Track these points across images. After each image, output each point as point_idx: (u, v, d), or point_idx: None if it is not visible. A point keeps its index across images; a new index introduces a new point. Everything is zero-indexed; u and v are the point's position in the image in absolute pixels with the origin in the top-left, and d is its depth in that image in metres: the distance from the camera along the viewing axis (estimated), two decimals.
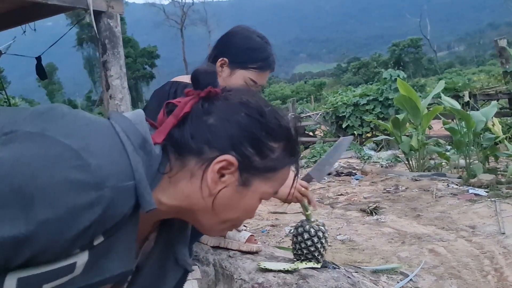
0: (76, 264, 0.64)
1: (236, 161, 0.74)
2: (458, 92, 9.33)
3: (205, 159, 0.74)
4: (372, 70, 40.09)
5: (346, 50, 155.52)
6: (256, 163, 0.76)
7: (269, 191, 0.81)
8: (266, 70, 1.68)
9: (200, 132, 0.74)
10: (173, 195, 0.76)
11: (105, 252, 0.68)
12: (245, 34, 1.69)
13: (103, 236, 0.66)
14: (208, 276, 1.64)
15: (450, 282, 2.21)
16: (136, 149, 0.69)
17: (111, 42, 4.25)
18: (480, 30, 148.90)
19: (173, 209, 0.77)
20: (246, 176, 0.76)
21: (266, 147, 0.77)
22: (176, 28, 53.15)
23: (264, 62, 1.66)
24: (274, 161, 0.78)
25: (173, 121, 0.75)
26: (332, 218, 3.75)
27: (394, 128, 6.12)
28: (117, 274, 0.71)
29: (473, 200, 3.82)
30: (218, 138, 0.74)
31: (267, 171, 0.78)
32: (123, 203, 0.65)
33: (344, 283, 1.47)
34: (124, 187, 0.65)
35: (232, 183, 0.76)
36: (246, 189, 0.78)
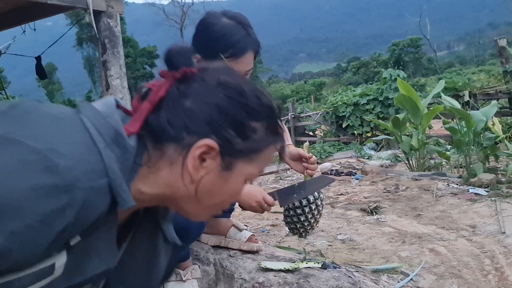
0: (55, 265, 0.62)
1: (217, 145, 0.71)
2: (458, 91, 9.33)
3: (184, 145, 0.71)
4: (372, 70, 40.07)
5: (346, 49, 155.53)
6: (238, 145, 0.73)
7: (253, 172, 0.78)
8: (242, 55, 1.47)
9: (177, 117, 0.71)
10: (154, 184, 0.72)
11: (85, 251, 0.66)
12: (209, 22, 1.49)
13: (80, 236, 0.64)
14: (209, 275, 1.63)
15: (451, 281, 2.21)
16: (109, 144, 0.65)
17: (111, 41, 4.25)
18: (479, 29, 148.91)
19: (156, 198, 0.74)
20: (228, 159, 0.73)
21: (247, 128, 0.73)
22: (176, 28, 53.21)
23: (234, 47, 1.45)
24: (257, 142, 0.75)
25: (148, 107, 0.71)
26: (332, 217, 3.75)
27: (394, 127, 6.11)
28: (100, 273, 0.69)
29: (473, 199, 3.82)
30: (197, 123, 0.71)
31: (250, 153, 0.75)
32: (97, 203, 0.62)
33: (344, 282, 1.47)
34: (97, 186, 0.61)
35: (214, 168, 0.73)
36: (229, 173, 0.74)
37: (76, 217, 0.59)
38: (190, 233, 1.41)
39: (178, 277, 1.50)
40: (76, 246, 0.64)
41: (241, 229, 1.82)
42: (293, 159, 1.63)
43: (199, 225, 1.42)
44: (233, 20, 1.47)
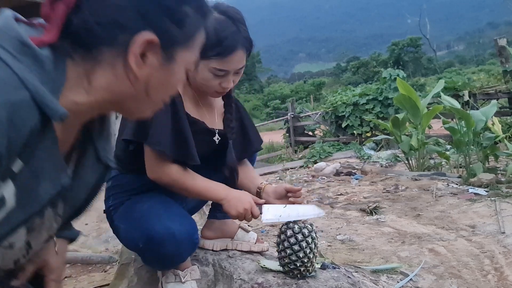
0: (5, 196, 0.60)
1: (157, 38, 0.66)
2: (458, 91, 9.33)
3: (120, 45, 0.66)
4: (372, 70, 40.11)
5: (345, 49, 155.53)
6: (176, 34, 0.70)
7: (192, 59, 0.76)
8: (230, 53, 1.37)
9: (104, 15, 0.64)
10: (92, 92, 0.68)
11: (32, 176, 0.63)
12: None
13: (21, 160, 0.61)
14: (208, 276, 1.63)
15: (450, 281, 2.20)
16: (15, 56, 0.60)
17: None
18: (479, 29, 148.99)
19: (97, 105, 0.71)
20: (169, 51, 0.70)
21: (180, 13, 0.70)
22: None
23: (221, 46, 1.34)
24: (191, 26, 0.72)
25: (64, 10, 0.64)
26: (332, 218, 3.75)
27: (394, 127, 6.11)
28: (55, 194, 0.67)
29: (473, 199, 3.82)
30: (128, 17, 0.65)
31: (187, 39, 0.73)
32: (24, 118, 0.58)
33: (344, 283, 1.47)
34: (16, 99, 0.57)
35: (158, 62, 0.69)
36: (172, 64, 0.72)
37: (7, 138, 0.56)
38: (179, 256, 1.41)
39: (177, 278, 1.50)
40: (21, 173, 0.61)
41: (248, 231, 1.81)
42: (278, 197, 1.56)
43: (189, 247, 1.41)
44: (224, 14, 1.38)
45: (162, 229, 1.33)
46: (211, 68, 1.38)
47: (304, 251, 1.43)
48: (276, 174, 7.33)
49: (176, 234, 1.33)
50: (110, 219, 1.57)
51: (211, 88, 1.45)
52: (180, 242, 1.34)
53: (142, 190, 1.53)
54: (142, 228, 1.36)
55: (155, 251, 1.34)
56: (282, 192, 1.56)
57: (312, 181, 5.91)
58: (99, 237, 3.53)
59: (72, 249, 3.24)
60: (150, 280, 1.64)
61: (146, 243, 1.34)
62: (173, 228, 1.34)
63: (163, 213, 1.40)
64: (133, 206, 1.47)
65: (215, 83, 1.42)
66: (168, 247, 1.33)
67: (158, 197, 1.49)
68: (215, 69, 1.38)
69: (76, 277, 2.57)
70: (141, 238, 1.35)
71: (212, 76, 1.40)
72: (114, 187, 1.58)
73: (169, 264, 1.43)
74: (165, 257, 1.35)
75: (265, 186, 1.60)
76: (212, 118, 1.59)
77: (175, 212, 1.43)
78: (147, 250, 1.35)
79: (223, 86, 1.44)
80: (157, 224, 1.34)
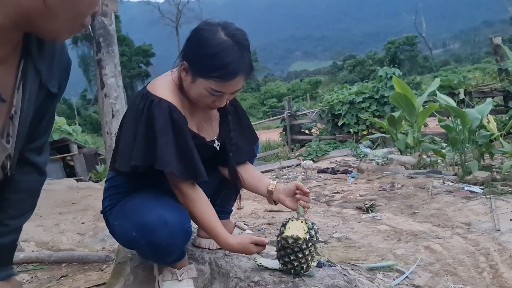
0: None
1: None
2: (454, 89, 9.36)
3: None
4: (368, 68, 40.17)
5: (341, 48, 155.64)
6: None
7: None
8: (231, 79, 1.36)
9: None
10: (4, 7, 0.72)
11: None
12: (205, 35, 1.36)
13: None
14: (204, 274, 1.63)
15: (446, 279, 2.21)
16: None
17: (106, 40, 4.22)
18: (475, 27, 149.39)
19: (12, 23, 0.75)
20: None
21: None
22: (171, 27, 53.05)
23: (224, 70, 1.34)
24: None
25: None
26: (328, 216, 3.76)
27: (390, 125, 6.13)
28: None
29: (468, 197, 3.84)
30: None
31: None
32: None
33: (340, 280, 1.47)
34: None
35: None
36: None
37: None
38: (173, 245, 1.40)
39: (174, 276, 1.50)
40: None
41: (244, 229, 1.82)
42: (289, 194, 1.58)
43: (182, 236, 1.41)
44: (231, 38, 1.35)
45: (154, 216, 1.34)
46: (208, 87, 1.38)
47: (302, 251, 1.44)
48: (272, 173, 7.34)
49: (168, 221, 1.34)
50: (106, 220, 1.58)
51: (203, 103, 1.45)
52: (173, 229, 1.35)
53: (137, 191, 1.53)
54: (134, 218, 1.38)
55: (148, 239, 1.34)
56: (293, 189, 1.56)
57: (308, 180, 5.92)
58: (95, 236, 3.52)
59: (69, 248, 3.23)
60: (146, 279, 1.64)
61: (139, 231, 1.35)
62: (165, 215, 1.35)
63: (154, 204, 1.41)
64: (126, 204, 1.49)
65: (208, 100, 1.43)
66: (161, 234, 1.33)
67: (150, 191, 1.51)
68: (212, 89, 1.38)
69: (72, 276, 2.56)
70: (134, 228, 1.36)
71: (208, 94, 1.40)
72: (110, 188, 1.58)
73: (164, 255, 1.42)
74: (158, 246, 1.35)
75: (276, 184, 1.61)
76: (210, 127, 1.60)
77: (166, 202, 1.44)
78: (140, 238, 1.35)
79: (216, 104, 1.46)
80: (149, 213, 1.36)
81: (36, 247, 3.28)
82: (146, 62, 47.69)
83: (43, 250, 3.12)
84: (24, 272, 2.67)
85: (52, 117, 1.06)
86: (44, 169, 1.12)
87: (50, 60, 0.92)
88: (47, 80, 0.90)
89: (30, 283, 2.49)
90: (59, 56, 0.97)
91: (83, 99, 49.03)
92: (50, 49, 0.92)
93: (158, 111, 1.36)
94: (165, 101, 1.39)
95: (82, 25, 0.82)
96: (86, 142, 15.30)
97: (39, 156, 1.08)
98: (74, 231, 3.78)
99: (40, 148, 1.07)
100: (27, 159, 1.04)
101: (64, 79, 1.03)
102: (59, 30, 0.80)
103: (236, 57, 1.35)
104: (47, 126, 1.05)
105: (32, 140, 1.01)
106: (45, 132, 1.06)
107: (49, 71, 0.92)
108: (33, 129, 0.97)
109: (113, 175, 1.58)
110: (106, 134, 4.33)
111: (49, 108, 1.00)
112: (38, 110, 0.94)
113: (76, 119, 31.40)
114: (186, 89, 1.45)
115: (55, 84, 0.95)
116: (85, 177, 11.72)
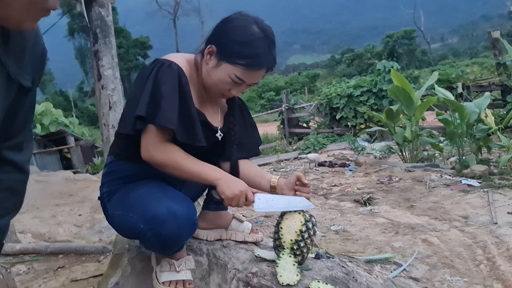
0: None
1: None
2: (452, 83, 9.34)
3: None
4: (366, 62, 40.05)
5: (339, 41, 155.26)
6: None
7: None
8: (256, 69, 1.42)
9: None
10: None
11: None
12: (240, 24, 1.43)
13: None
14: (202, 266, 1.63)
15: (443, 271, 2.22)
16: None
17: (103, 31, 4.19)
18: (473, 22, 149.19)
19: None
20: None
21: None
22: (169, 19, 52.73)
23: (253, 59, 1.40)
24: None
25: None
26: (326, 208, 3.76)
27: (388, 119, 6.12)
28: None
29: (466, 190, 3.84)
30: None
31: None
32: None
33: (338, 272, 1.47)
34: None
35: None
36: None
37: None
38: (181, 236, 1.40)
39: (172, 267, 1.49)
40: None
41: (242, 221, 1.81)
42: (291, 188, 1.55)
43: (190, 228, 1.40)
44: (263, 32, 1.42)
45: (163, 208, 1.33)
46: (232, 73, 1.42)
47: (298, 243, 1.43)
48: (270, 166, 7.34)
49: (177, 214, 1.34)
50: (104, 207, 1.57)
51: (220, 89, 1.47)
52: (181, 222, 1.35)
53: (136, 178, 1.52)
54: (141, 210, 1.36)
55: (156, 231, 1.33)
56: (294, 182, 1.55)
57: (306, 173, 5.92)
58: (92, 228, 3.52)
59: (66, 240, 3.23)
60: (144, 269, 1.64)
61: (147, 223, 1.34)
62: (174, 207, 1.34)
63: (161, 195, 1.40)
64: (128, 193, 1.47)
65: (226, 87, 1.45)
66: (170, 226, 1.33)
67: (154, 182, 1.49)
68: (235, 76, 1.42)
69: (69, 267, 2.56)
70: (141, 219, 1.35)
71: (229, 81, 1.43)
72: (109, 174, 1.57)
73: (170, 246, 1.41)
74: (166, 237, 1.35)
75: (278, 179, 1.59)
76: (215, 115, 1.60)
77: (173, 194, 1.43)
78: (148, 230, 1.34)
79: (232, 93, 1.48)
80: (157, 205, 1.35)
81: (33, 238, 3.27)
82: (143, 54, 47.49)
83: (40, 242, 3.12)
84: (20, 263, 2.67)
85: (30, 112, 1.00)
86: (26, 167, 1.06)
87: (19, 52, 0.86)
88: (17, 74, 0.84)
89: (27, 274, 2.48)
90: (32, 47, 0.91)
91: (80, 91, 48.86)
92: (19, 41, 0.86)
93: (167, 73, 1.38)
94: (176, 65, 1.40)
95: (44, 9, 0.76)
96: (83, 135, 15.27)
97: (19, 154, 1.02)
98: (71, 223, 3.77)
99: (19, 145, 1.00)
100: (5, 158, 0.98)
101: (39, 71, 0.97)
102: (18, 18, 0.75)
103: (265, 50, 1.42)
104: (24, 122, 0.98)
105: (8, 138, 0.95)
106: (23, 128, 0.99)
107: (19, 64, 0.86)
108: (7, 126, 0.91)
109: (112, 159, 1.57)
110: (103, 126, 4.30)
111: (23, 103, 0.93)
112: (11, 106, 0.88)
113: (73, 111, 31.32)
114: (206, 72, 1.46)
115: (28, 77, 0.89)
116: (82, 170, 11.70)
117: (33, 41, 0.91)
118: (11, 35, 0.83)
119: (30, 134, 1.05)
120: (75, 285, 2.22)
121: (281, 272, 1.38)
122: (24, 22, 0.77)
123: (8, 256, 2.79)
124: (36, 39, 0.93)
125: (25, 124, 0.99)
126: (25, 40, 0.88)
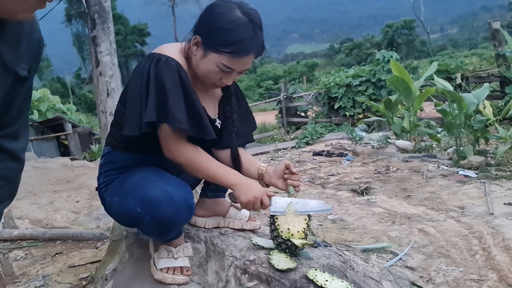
0: None
1: None
2: (451, 74, 9.32)
3: None
4: (365, 51, 39.92)
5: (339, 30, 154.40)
6: None
7: None
8: (243, 56, 1.37)
9: None
10: None
11: None
12: (221, 10, 1.37)
13: None
14: (200, 253, 1.63)
15: (439, 261, 2.24)
16: None
17: (101, 17, 4.15)
18: (473, 12, 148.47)
19: None
20: None
21: None
22: (167, 6, 52.23)
23: (237, 46, 1.35)
24: None
25: None
26: (323, 198, 3.77)
27: (386, 109, 6.12)
28: None
29: (463, 181, 3.86)
30: None
31: None
32: None
33: (335, 260, 1.48)
34: None
35: None
36: None
37: None
38: (178, 220, 1.40)
39: (170, 254, 1.50)
40: None
41: (240, 209, 1.81)
42: (279, 176, 1.55)
43: (187, 211, 1.40)
44: (246, 16, 1.37)
45: (160, 191, 1.33)
46: (219, 62, 1.38)
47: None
48: (268, 155, 7.34)
49: (174, 197, 1.34)
50: (101, 197, 1.56)
51: (211, 80, 1.45)
52: (178, 205, 1.35)
53: (133, 168, 1.51)
54: (138, 194, 1.36)
55: (153, 215, 1.34)
56: (283, 170, 1.54)
57: (304, 162, 5.93)
58: (90, 215, 3.52)
59: (63, 226, 3.23)
60: (142, 256, 1.64)
61: (144, 206, 1.34)
62: (171, 190, 1.34)
63: (158, 179, 1.40)
64: (124, 180, 1.47)
65: (216, 77, 1.43)
66: (166, 209, 1.33)
67: (150, 168, 1.49)
68: (223, 65, 1.38)
69: (67, 253, 2.57)
70: (139, 203, 1.35)
71: (217, 70, 1.40)
72: (106, 164, 1.56)
73: (167, 230, 1.42)
74: (163, 221, 1.35)
75: (267, 167, 1.59)
76: (211, 103, 1.59)
77: (169, 178, 1.43)
78: (145, 214, 1.34)
79: (223, 82, 1.45)
80: (153, 188, 1.35)
81: (31, 224, 3.27)
82: (141, 41, 47.18)
83: (37, 228, 3.12)
84: (18, 249, 2.67)
85: (27, 101, 1.00)
86: (21, 156, 1.06)
87: (16, 41, 0.85)
88: (13, 63, 0.84)
89: (24, 260, 2.49)
90: (28, 37, 0.90)
91: (77, 78, 48.56)
92: (15, 30, 0.85)
93: (166, 70, 1.36)
94: (173, 59, 1.38)
95: (39, 1, 0.74)
96: (81, 121, 15.22)
97: (14, 142, 1.01)
98: (69, 209, 3.77)
99: (15, 134, 1.00)
100: (0, 147, 0.98)
101: (35, 60, 0.96)
102: (12, 8, 0.74)
103: (250, 34, 1.36)
104: (20, 111, 0.97)
105: (3, 127, 0.95)
106: (19, 117, 0.99)
107: (15, 53, 0.85)
108: (3, 115, 0.91)
109: (109, 150, 1.57)
110: (101, 113, 4.28)
111: (19, 92, 0.93)
112: (7, 95, 0.88)
113: (71, 98, 31.15)
114: (195, 64, 1.44)
115: (25, 66, 0.88)
116: (80, 157, 11.67)
117: (29, 29, 0.90)
118: (7, 23, 0.82)
119: (26, 123, 1.05)
120: (72, 271, 2.23)
121: (277, 262, 1.39)
122: (18, 13, 0.76)
123: (6, 241, 2.80)
124: (32, 28, 0.92)
125: (21, 113, 0.98)
126: (22, 28, 0.87)
